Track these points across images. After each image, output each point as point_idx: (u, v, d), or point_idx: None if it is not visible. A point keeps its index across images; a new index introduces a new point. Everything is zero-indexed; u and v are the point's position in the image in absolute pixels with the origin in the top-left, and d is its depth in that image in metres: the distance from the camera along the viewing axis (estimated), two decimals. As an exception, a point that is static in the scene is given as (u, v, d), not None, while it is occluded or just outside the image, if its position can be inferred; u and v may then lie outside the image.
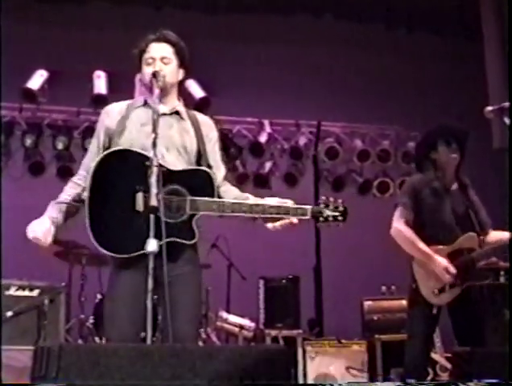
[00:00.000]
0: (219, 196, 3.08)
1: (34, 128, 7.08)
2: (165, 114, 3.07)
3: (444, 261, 3.90)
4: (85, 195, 2.94)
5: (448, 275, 3.87)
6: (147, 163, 2.74)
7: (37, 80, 7.01)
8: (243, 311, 6.29)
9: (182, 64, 3.19)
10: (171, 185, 2.91)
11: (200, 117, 3.24)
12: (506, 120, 3.29)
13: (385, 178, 7.76)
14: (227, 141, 7.49)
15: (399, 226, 4.02)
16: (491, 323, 4.54)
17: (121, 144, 3.03)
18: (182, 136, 3.12)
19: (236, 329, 6.08)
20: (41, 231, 2.96)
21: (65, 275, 5.82)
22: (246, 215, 3.02)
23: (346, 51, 7.69)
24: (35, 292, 5.24)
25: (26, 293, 5.22)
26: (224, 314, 6.15)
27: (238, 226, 3.17)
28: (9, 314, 5.01)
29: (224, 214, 3.00)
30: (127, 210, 2.88)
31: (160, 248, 2.71)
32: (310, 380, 5.74)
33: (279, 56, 7.56)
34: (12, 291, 5.18)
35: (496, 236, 4.08)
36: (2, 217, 6.10)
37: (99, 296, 5.73)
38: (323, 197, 3.10)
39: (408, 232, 3.99)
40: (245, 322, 6.13)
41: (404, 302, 6.17)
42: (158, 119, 2.85)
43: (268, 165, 7.67)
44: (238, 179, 7.43)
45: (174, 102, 3.18)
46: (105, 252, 2.90)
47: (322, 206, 3.05)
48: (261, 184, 7.54)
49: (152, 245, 2.68)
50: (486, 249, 3.99)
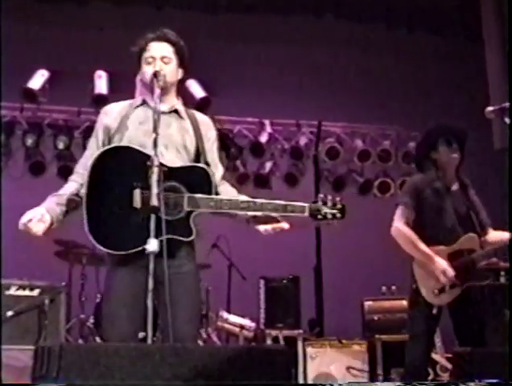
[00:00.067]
0: (217, 195, 3.06)
1: (34, 127, 7.08)
2: (164, 113, 3.06)
3: (444, 263, 3.89)
4: (83, 192, 2.93)
5: (446, 277, 3.87)
6: (148, 163, 2.74)
7: (38, 80, 7.01)
8: (244, 311, 6.29)
9: (181, 64, 3.18)
10: (169, 182, 2.89)
11: (199, 116, 3.24)
12: (507, 120, 3.29)
13: (385, 178, 7.75)
14: (227, 141, 7.49)
15: (399, 226, 4.01)
16: (491, 323, 4.54)
17: (119, 143, 3.04)
18: (181, 134, 3.12)
19: (236, 329, 6.08)
20: (35, 218, 2.89)
21: (65, 275, 5.83)
22: (244, 212, 3.02)
23: (347, 51, 7.69)
24: (36, 291, 5.24)
25: (26, 292, 5.22)
26: (224, 314, 6.15)
27: (239, 226, 3.16)
28: (9, 314, 5.01)
29: (221, 211, 2.99)
30: (125, 207, 2.87)
31: (160, 248, 2.70)
32: (310, 380, 5.74)
33: (280, 56, 7.56)
34: (12, 291, 5.18)
35: (496, 236, 4.08)
36: (2, 217, 6.10)
37: (99, 296, 5.73)
38: (321, 195, 3.08)
39: (408, 232, 3.98)
40: (245, 322, 6.12)
41: (404, 302, 6.17)
42: (158, 119, 2.85)
43: (268, 165, 7.66)
44: (239, 179, 7.43)
45: (173, 101, 3.19)
46: (103, 248, 2.90)
47: (320, 203, 3.04)
48: (261, 184, 7.54)
49: (153, 245, 2.68)
50: (486, 250, 3.99)
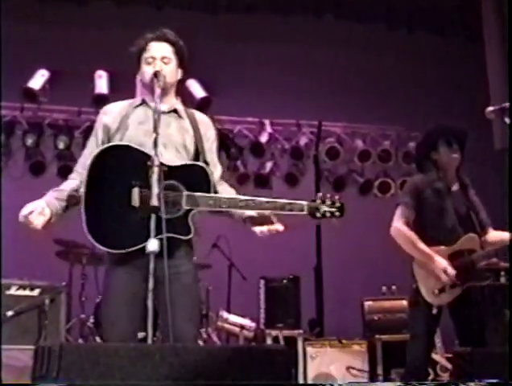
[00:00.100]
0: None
1: (35, 127, 7.08)
2: (163, 112, 3.05)
3: (444, 262, 3.89)
4: (82, 191, 2.93)
5: (447, 276, 3.87)
6: (149, 163, 2.74)
7: (38, 80, 7.02)
8: (244, 311, 6.29)
9: (181, 64, 3.18)
10: (168, 180, 2.88)
11: (198, 116, 3.24)
12: (507, 120, 3.28)
13: (386, 178, 7.75)
14: (228, 141, 7.49)
15: (399, 225, 4.01)
16: (491, 323, 4.54)
17: (120, 142, 3.04)
18: (180, 134, 3.12)
19: (236, 329, 6.08)
20: (35, 211, 2.88)
21: (66, 275, 5.83)
22: (242, 210, 3.02)
23: (347, 51, 7.68)
24: (36, 291, 5.24)
25: (26, 292, 5.22)
26: (224, 314, 6.15)
27: (239, 226, 3.15)
28: (9, 314, 5.01)
29: (220, 209, 2.99)
30: (123, 205, 2.87)
31: (160, 248, 2.70)
32: (310, 380, 5.74)
33: (280, 56, 7.55)
34: (13, 291, 5.19)
35: (496, 236, 4.07)
36: (2, 217, 6.10)
37: (100, 296, 5.73)
38: (319, 193, 3.08)
39: (408, 232, 3.98)
40: (245, 322, 6.13)
41: (405, 302, 6.18)
42: (159, 118, 2.85)
43: (269, 165, 7.66)
44: (239, 179, 7.43)
45: (172, 101, 3.19)
46: (101, 247, 2.89)
47: (319, 202, 3.04)
48: (261, 184, 7.54)
49: (153, 245, 2.67)
50: (487, 250, 3.98)
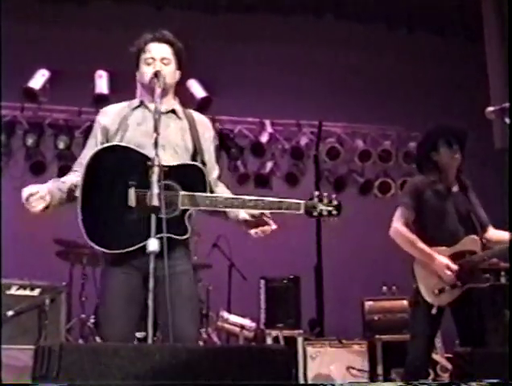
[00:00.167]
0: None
1: (35, 127, 7.08)
2: (162, 113, 3.03)
3: (445, 259, 3.89)
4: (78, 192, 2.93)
5: (450, 272, 3.86)
6: (149, 163, 2.74)
7: (38, 80, 7.02)
8: (244, 311, 6.28)
9: (179, 65, 3.19)
10: (164, 180, 2.85)
11: (197, 116, 3.24)
12: (507, 120, 3.28)
13: (386, 178, 7.75)
14: (228, 141, 7.49)
15: (398, 226, 4.01)
16: (492, 324, 4.54)
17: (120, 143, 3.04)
18: (178, 135, 3.12)
19: (237, 329, 6.08)
20: (38, 194, 2.90)
21: (66, 274, 5.83)
22: (238, 210, 3.02)
23: (347, 51, 7.68)
24: (36, 291, 5.24)
25: (27, 292, 5.22)
26: (225, 314, 6.15)
27: (242, 227, 3.15)
28: (10, 314, 5.01)
29: (216, 209, 2.99)
30: (120, 206, 2.88)
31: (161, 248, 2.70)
32: (310, 380, 5.74)
33: (280, 56, 7.55)
34: (13, 290, 5.18)
35: (496, 234, 4.07)
36: (3, 217, 6.10)
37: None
38: (316, 192, 3.08)
39: (407, 232, 3.98)
40: (245, 322, 6.12)
41: (405, 303, 6.19)
42: (159, 119, 2.85)
43: (269, 165, 7.67)
44: (239, 179, 7.44)
45: (170, 102, 3.19)
46: (97, 247, 2.90)
47: (316, 200, 3.04)
48: (262, 184, 7.54)
49: (153, 244, 2.67)
50: (487, 252, 3.97)
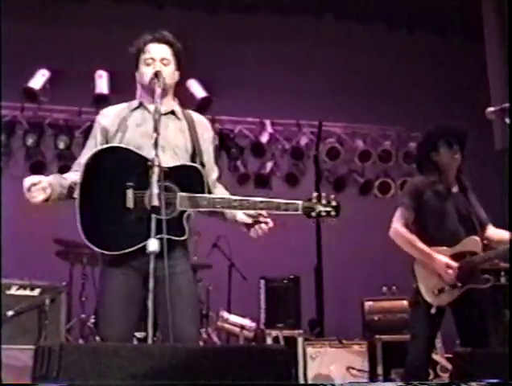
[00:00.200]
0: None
1: (35, 127, 7.08)
2: (161, 114, 3.03)
3: (445, 258, 3.89)
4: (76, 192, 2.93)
5: (450, 271, 3.87)
6: (149, 163, 2.74)
7: (39, 80, 7.02)
8: (244, 311, 6.29)
9: (178, 66, 3.19)
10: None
11: (196, 117, 3.24)
12: (507, 120, 3.28)
13: (386, 178, 7.76)
14: (228, 141, 7.49)
15: (398, 227, 4.01)
16: (492, 324, 4.54)
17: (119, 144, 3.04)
18: (177, 136, 3.12)
19: (237, 329, 6.08)
20: (40, 184, 2.89)
21: (66, 274, 5.83)
22: (236, 210, 3.02)
23: (347, 51, 7.68)
24: (36, 291, 5.24)
25: (27, 292, 5.22)
26: (225, 314, 6.15)
27: (239, 226, 3.15)
28: (10, 314, 5.00)
29: (214, 209, 2.99)
30: (118, 207, 2.88)
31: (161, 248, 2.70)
32: (310, 380, 5.74)
33: (280, 56, 7.54)
34: (13, 290, 5.18)
35: (497, 235, 4.07)
36: (3, 217, 6.10)
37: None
38: (314, 193, 3.07)
39: (406, 233, 3.98)
40: (245, 322, 6.12)
41: (405, 303, 6.19)
42: (159, 119, 2.85)
43: (269, 165, 7.67)
44: (239, 179, 7.44)
45: (170, 102, 3.18)
46: (96, 249, 2.90)
47: (314, 201, 3.04)
48: (262, 184, 7.54)
49: (154, 245, 2.67)
50: (488, 253, 3.98)
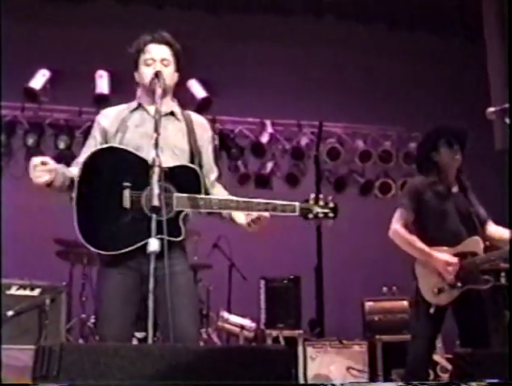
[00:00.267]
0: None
1: (36, 127, 7.09)
2: (161, 115, 3.05)
3: (444, 256, 3.89)
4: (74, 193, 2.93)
5: (450, 268, 3.86)
6: (150, 163, 2.75)
7: (39, 80, 7.03)
8: (244, 311, 6.28)
9: (178, 67, 3.19)
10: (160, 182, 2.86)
11: (195, 118, 3.24)
12: (507, 120, 3.28)
13: (386, 178, 7.76)
14: (228, 141, 7.50)
15: (397, 227, 4.02)
16: (492, 324, 4.54)
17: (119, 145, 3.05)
18: (176, 137, 3.12)
19: (237, 329, 6.08)
20: (47, 166, 2.84)
21: (66, 274, 5.83)
22: (234, 211, 3.01)
23: (347, 51, 7.68)
24: (36, 291, 5.24)
25: (27, 292, 5.22)
26: (225, 314, 6.15)
27: (239, 226, 3.15)
28: (10, 314, 5.00)
29: (210, 210, 2.99)
30: (115, 207, 2.88)
31: (161, 248, 2.70)
32: (310, 380, 5.74)
33: (280, 56, 7.55)
34: (13, 290, 5.18)
35: (498, 233, 4.07)
36: (3, 217, 6.10)
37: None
38: (312, 194, 3.07)
39: (406, 233, 3.99)
40: (246, 323, 6.12)
41: (405, 303, 6.20)
42: (160, 119, 2.85)
43: (270, 165, 7.66)
44: (240, 180, 7.44)
45: (169, 103, 3.18)
46: (93, 249, 2.90)
47: (311, 202, 3.04)
48: (262, 184, 7.54)
49: (154, 245, 2.67)
50: (489, 254, 3.97)
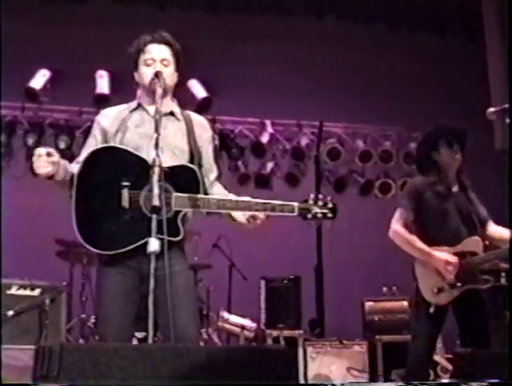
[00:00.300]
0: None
1: (36, 127, 7.09)
2: (162, 115, 3.05)
3: (444, 255, 3.89)
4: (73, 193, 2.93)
5: (450, 266, 3.86)
6: (150, 163, 2.75)
7: (39, 80, 7.03)
8: (244, 311, 6.28)
9: (178, 67, 3.19)
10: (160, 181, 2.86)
11: (194, 117, 3.24)
12: (507, 120, 3.28)
13: (386, 178, 7.76)
14: (229, 141, 7.50)
15: (397, 227, 4.02)
16: (492, 324, 4.54)
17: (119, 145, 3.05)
18: (176, 137, 3.12)
19: (237, 329, 6.08)
20: (52, 158, 2.82)
21: (66, 274, 5.83)
22: (232, 211, 3.01)
23: (347, 51, 7.68)
24: (37, 291, 5.24)
25: (27, 292, 5.22)
26: (225, 315, 6.15)
27: (239, 226, 3.15)
28: (10, 314, 5.00)
29: (209, 210, 2.99)
30: (113, 207, 2.88)
31: (161, 248, 2.70)
32: (310, 380, 5.74)
33: (280, 56, 7.55)
34: (13, 290, 5.18)
35: (499, 232, 4.07)
36: (3, 217, 6.10)
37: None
38: (311, 194, 3.06)
39: (405, 233, 3.99)
40: (246, 323, 6.12)
41: (405, 303, 6.20)
42: (160, 119, 2.85)
43: (270, 165, 7.67)
44: (240, 180, 7.44)
45: (169, 103, 3.18)
46: (91, 248, 2.90)
47: (310, 202, 3.03)
48: (262, 184, 7.54)
49: (154, 245, 2.67)
50: (488, 254, 3.97)
